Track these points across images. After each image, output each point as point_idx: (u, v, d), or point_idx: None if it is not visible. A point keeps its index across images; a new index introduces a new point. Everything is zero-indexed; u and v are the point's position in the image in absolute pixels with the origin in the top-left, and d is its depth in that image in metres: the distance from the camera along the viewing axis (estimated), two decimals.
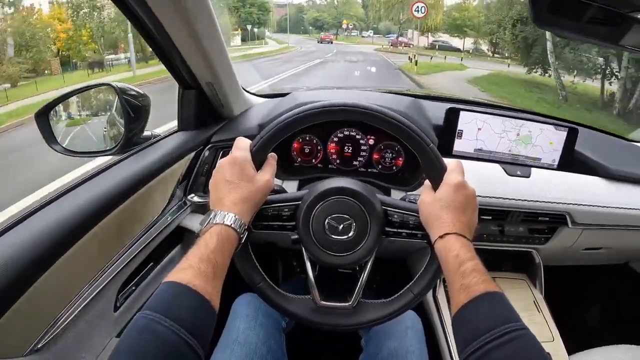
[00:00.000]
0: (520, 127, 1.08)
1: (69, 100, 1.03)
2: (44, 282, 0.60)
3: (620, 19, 0.62)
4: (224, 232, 0.58)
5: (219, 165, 0.65)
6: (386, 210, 0.70)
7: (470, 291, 0.55)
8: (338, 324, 0.69)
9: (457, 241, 0.60)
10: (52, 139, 0.97)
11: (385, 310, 0.69)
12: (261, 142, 0.67)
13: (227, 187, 0.63)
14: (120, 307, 0.83)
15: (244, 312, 0.89)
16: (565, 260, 1.33)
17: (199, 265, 0.53)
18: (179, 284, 0.50)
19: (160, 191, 0.91)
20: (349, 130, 1.04)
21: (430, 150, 0.66)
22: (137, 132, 0.98)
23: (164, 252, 0.97)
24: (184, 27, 0.79)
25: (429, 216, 0.65)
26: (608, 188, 1.13)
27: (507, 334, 0.49)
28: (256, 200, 0.65)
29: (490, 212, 1.08)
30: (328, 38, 36.98)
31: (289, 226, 0.70)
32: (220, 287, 0.55)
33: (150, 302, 0.49)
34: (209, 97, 1.02)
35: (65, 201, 0.71)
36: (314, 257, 0.70)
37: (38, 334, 0.61)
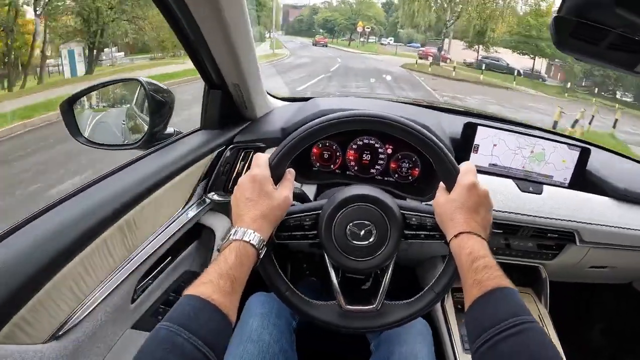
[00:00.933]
0: (534, 145, 1.10)
1: (95, 93, 1.04)
2: (67, 272, 0.61)
3: (638, 46, 0.65)
4: (243, 248, 0.60)
5: (240, 183, 0.67)
6: (404, 214, 0.72)
7: (483, 286, 0.56)
8: (365, 326, 0.71)
9: (471, 239, 0.62)
10: (75, 130, 0.98)
11: (409, 310, 0.71)
12: (279, 156, 0.69)
13: (247, 204, 0.64)
14: (136, 299, 0.84)
15: (258, 310, 0.90)
16: (570, 277, 1.35)
17: (218, 280, 0.55)
18: (198, 298, 0.52)
19: (182, 188, 0.92)
20: (369, 138, 1.05)
21: (442, 153, 0.68)
22: (161, 128, 0.99)
23: (181, 248, 0.98)
24: (218, 27, 0.81)
25: (443, 217, 0.67)
26: (617, 208, 1.14)
27: (516, 326, 0.50)
28: (276, 216, 0.66)
29: (501, 226, 1.09)
30: (322, 41, 34.66)
31: (311, 235, 0.72)
32: (238, 301, 0.57)
33: (170, 314, 0.51)
34: (234, 97, 1.04)
35: (90, 194, 0.72)
36: (337, 263, 0.71)
37: (58, 323, 0.62)
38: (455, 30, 23.32)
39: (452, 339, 1.08)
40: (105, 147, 1.01)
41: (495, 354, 0.50)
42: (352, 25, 36.57)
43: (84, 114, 1.03)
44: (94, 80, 1.13)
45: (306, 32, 43.71)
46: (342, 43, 36.78)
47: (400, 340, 0.89)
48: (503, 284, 0.56)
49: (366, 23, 35.53)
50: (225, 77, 0.97)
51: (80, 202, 0.69)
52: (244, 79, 0.97)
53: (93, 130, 1.04)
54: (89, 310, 0.67)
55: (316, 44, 33.21)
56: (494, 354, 0.50)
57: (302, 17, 44.59)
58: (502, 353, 0.49)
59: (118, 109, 1.07)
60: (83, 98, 1.02)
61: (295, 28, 44.97)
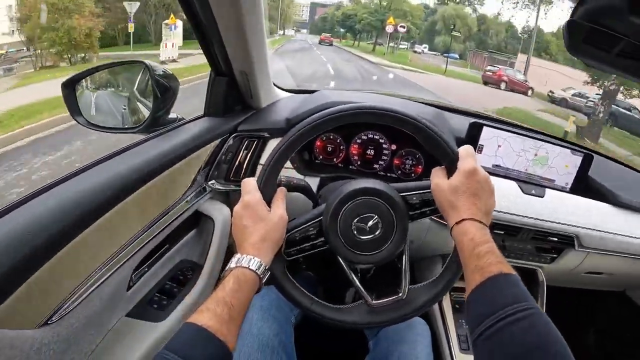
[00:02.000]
0: (538, 148, 1.09)
1: (97, 74, 1.02)
2: (63, 256, 0.59)
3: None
4: (241, 274, 0.60)
5: (235, 213, 0.68)
6: (404, 197, 0.71)
7: (485, 272, 0.55)
8: (398, 316, 0.70)
9: (473, 226, 0.61)
10: (76, 111, 0.97)
11: (433, 290, 0.70)
12: (266, 175, 0.69)
13: (245, 231, 0.65)
14: (132, 286, 0.82)
15: (258, 303, 0.89)
16: (566, 282, 1.35)
17: (215, 307, 0.55)
18: (195, 325, 0.53)
19: (183, 175, 0.90)
20: (373, 133, 1.04)
21: (438, 137, 0.67)
22: (164, 113, 0.97)
23: (179, 236, 0.96)
24: (232, 11, 0.80)
25: (444, 203, 0.66)
26: (617, 215, 1.15)
27: (519, 312, 0.49)
28: (275, 238, 0.66)
29: (503, 227, 1.09)
30: (327, 40, 31.18)
31: (319, 242, 0.71)
32: (238, 328, 0.58)
33: (170, 342, 0.52)
34: (240, 86, 1.02)
35: (89, 176, 0.70)
36: (353, 262, 0.70)
37: (52, 308, 0.60)
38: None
39: (449, 339, 1.08)
40: (106, 130, 1.00)
41: (500, 339, 0.49)
42: (379, 23, 27.40)
43: (86, 95, 1.01)
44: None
45: (329, 32, 40.13)
46: (366, 47, 29.70)
47: (400, 339, 0.88)
48: (505, 270, 0.55)
49: (399, 20, 25.09)
50: (233, 64, 0.95)
51: (79, 184, 0.67)
52: (252, 67, 0.96)
53: (94, 112, 1.02)
54: (84, 296, 0.65)
55: (321, 42, 30.98)
56: (497, 339, 0.49)
57: (327, 15, 41.26)
58: (505, 339, 0.49)
59: (120, 91, 1.05)
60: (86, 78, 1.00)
61: (318, 27, 42.32)
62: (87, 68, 0.98)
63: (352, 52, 25.68)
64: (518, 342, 0.48)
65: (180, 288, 0.91)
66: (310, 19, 45.72)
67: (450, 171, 0.68)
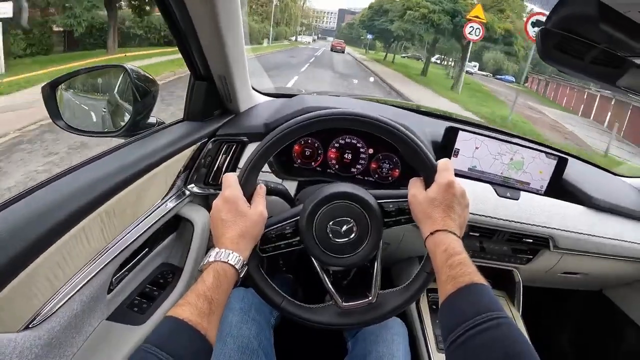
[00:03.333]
0: (514, 153, 1.12)
1: (78, 78, 1.02)
2: (43, 261, 0.60)
3: (620, 62, 0.67)
4: (220, 269, 0.61)
5: (214, 206, 0.68)
6: (381, 204, 0.73)
7: (457, 282, 0.58)
8: (367, 320, 0.72)
9: (447, 237, 0.64)
10: (56, 115, 0.97)
11: (405, 295, 0.72)
12: (247, 172, 0.70)
13: (224, 225, 0.66)
14: (112, 290, 0.83)
15: (237, 305, 0.90)
16: (543, 282, 1.39)
17: (196, 301, 0.56)
18: (175, 319, 0.54)
19: (162, 179, 0.91)
20: (351, 137, 1.06)
21: (419, 149, 0.70)
22: (143, 116, 0.98)
23: (159, 239, 0.97)
24: (210, 18, 0.81)
25: (420, 214, 0.69)
26: (591, 217, 1.18)
27: (489, 320, 0.52)
28: (254, 234, 0.68)
29: (478, 229, 1.11)
30: (339, 46, 29.31)
31: (295, 242, 0.72)
32: (217, 322, 0.59)
33: (150, 335, 0.53)
34: (219, 90, 1.04)
35: (68, 181, 0.71)
36: (325, 263, 0.72)
37: (33, 311, 0.61)
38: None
39: (427, 339, 1.10)
40: (86, 134, 1.00)
41: (468, 348, 0.51)
42: (445, 20, 15.38)
43: (66, 99, 1.01)
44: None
45: (355, 42, 37.81)
46: (406, 65, 22.36)
47: (377, 339, 0.90)
48: (476, 279, 0.58)
49: (497, 21, 14.42)
50: (212, 69, 0.97)
51: (58, 190, 0.68)
52: (231, 71, 0.97)
53: (74, 116, 1.02)
54: (64, 300, 0.66)
55: (333, 49, 29.54)
56: (468, 347, 0.51)
57: (354, 22, 38.64)
58: (475, 347, 0.51)
59: (101, 95, 1.05)
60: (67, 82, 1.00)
61: (344, 33, 40.42)
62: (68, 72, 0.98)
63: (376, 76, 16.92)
64: (487, 350, 0.50)
65: (160, 291, 0.92)
66: (338, 27, 44.50)
67: (427, 182, 0.71)
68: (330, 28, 46.34)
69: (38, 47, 10.66)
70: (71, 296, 0.67)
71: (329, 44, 33.29)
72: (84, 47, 12.39)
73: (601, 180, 1.36)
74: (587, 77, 0.72)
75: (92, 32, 12.38)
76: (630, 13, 0.53)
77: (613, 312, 1.45)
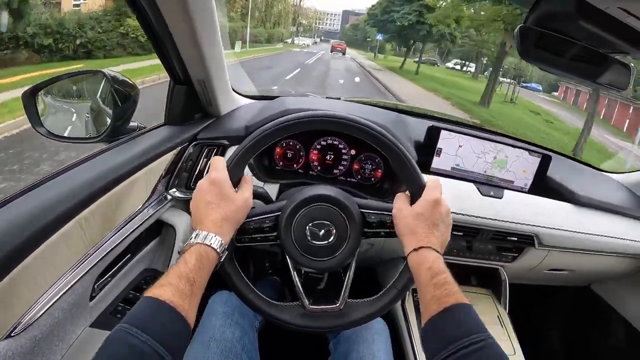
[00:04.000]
0: (498, 151, 1.13)
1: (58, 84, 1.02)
2: (23, 269, 0.60)
3: (600, 59, 0.67)
4: (203, 251, 0.60)
5: (199, 187, 0.68)
6: (363, 213, 0.73)
7: (441, 302, 0.58)
8: (329, 325, 0.72)
9: (431, 254, 0.64)
10: (36, 122, 0.97)
11: (372, 307, 0.72)
12: (237, 159, 0.69)
13: (208, 207, 0.65)
14: (95, 297, 0.83)
15: (220, 309, 0.90)
16: (530, 280, 1.40)
17: (178, 283, 0.55)
18: (157, 300, 0.52)
19: (143, 184, 0.92)
20: (332, 139, 1.06)
21: (410, 166, 0.70)
22: (124, 121, 0.98)
23: (142, 245, 0.98)
24: (185, 23, 0.81)
25: (404, 228, 0.68)
26: (575, 213, 1.19)
27: (474, 343, 0.52)
28: (237, 219, 0.67)
29: (462, 228, 1.12)
30: (339, 47, 27.52)
31: (271, 237, 0.72)
32: (197, 304, 0.57)
33: (128, 316, 0.51)
34: (199, 94, 1.04)
35: (46, 188, 0.71)
36: (298, 264, 0.72)
37: (14, 321, 0.61)
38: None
39: (412, 339, 1.11)
40: (67, 140, 1.00)
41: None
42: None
43: (47, 105, 1.01)
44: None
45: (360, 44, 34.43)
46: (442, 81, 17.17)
47: (359, 340, 0.90)
48: (461, 300, 0.58)
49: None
50: (191, 73, 0.97)
51: (37, 198, 0.68)
52: (209, 75, 0.97)
53: (55, 123, 1.02)
54: (45, 308, 0.66)
55: (333, 50, 27.78)
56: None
57: (358, 22, 36.18)
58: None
59: (81, 101, 1.05)
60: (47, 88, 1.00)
61: (348, 35, 37.56)
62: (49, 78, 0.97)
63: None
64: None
65: None
66: (342, 29, 42.37)
67: (414, 199, 0.71)
68: (334, 30, 44.74)
69: None
70: (52, 304, 0.67)
71: (324, 47, 31.95)
72: None
73: (586, 177, 1.37)
74: (568, 74, 0.73)
75: None
76: (609, 9, 0.53)
77: (601, 307, 1.46)
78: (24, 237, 0.60)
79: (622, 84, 0.70)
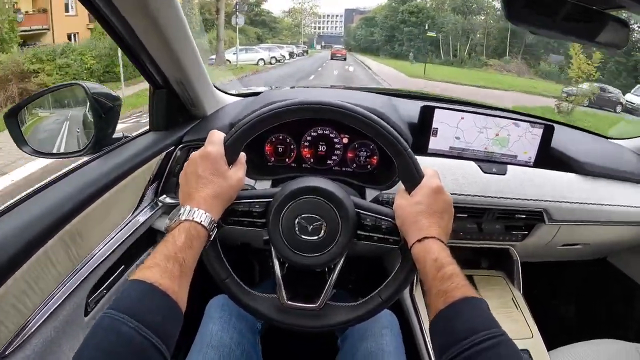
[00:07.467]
0: (500, 128, 1.10)
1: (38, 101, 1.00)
2: (10, 287, 0.59)
3: (595, 16, 0.63)
4: (193, 229, 0.58)
5: (191, 159, 0.65)
6: (359, 213, 0.69)
7: (449, 296, 0.55)
8: (303, 325, 0.69)
9: (436, 245, 0.61)
10: (21, 141, 0.96)
11: (351, 314, 0.69)
12: (235, 135, 0.66)
13: (199, 182, 0.62)
14: (91, 311, 0.82)
15: (217, 314, 0.89)
16: (543, 257, 1.36)
17: (166, 263, 0.52)
18: (144, 283, 0.50)
19: (131, 192, 0.91)
20: (323, 129, 1.03)
21: (407, 156, 0.66)
22: (108, 133, 0.96)
23: (135, 255, 0.96)
24: (151, 26, 0.79)
25: (406, 220, 0.65)
26: (584, 184, 1.15)
27: (487, 340, 0.49)
28: (227, 197, 0.65)
29: (466, 209, 1.09)
30: (339, 53, 25.17)
31: (259, 223, 0.69)
32: (188, 285, 0.55)
33: (115, 301, 0.49)
34: (180, 96, 1.02)
35: (32, 204, 0.70)
36: (282, 256, 0.70)
37: (5, 341, 0.60)
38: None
39: (424, 331, 1.07)
40: (52, 156, 0.99)
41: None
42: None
43: (29, 123, 0.99)
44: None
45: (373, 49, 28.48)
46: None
47: (366, 335, 0.88)
48: (469, 293, 0.55)
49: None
50: (168, 76, 0.95)
51: (21, 214, 0.66)
52: (187, 75, 0.95)
53: (39, 140, 1.01)
54: (37, 326, 0.65)
55: (333, 56, 25.23)
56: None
57: (374, 15, 30.81)
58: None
59: (63, 116, 1.03)
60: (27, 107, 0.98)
61: (359, 41, 31.32)
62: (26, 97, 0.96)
63: None
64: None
65: None
66: (347, 29, 37.78)
67: (412, 188, 0.67)
68: (337, 34, 40.52)
69: None
70: (43, 321, 0.66)
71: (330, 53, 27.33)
72: None
73: (592, 145, 1.32)
74: (562, 35, 0.70)
75: None
76: None
77: (619, 278, 1.42)
78: (7, 256, 0.58)
79: (620, 41, 0.66)
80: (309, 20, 36.66)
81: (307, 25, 37.18)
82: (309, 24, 37.06)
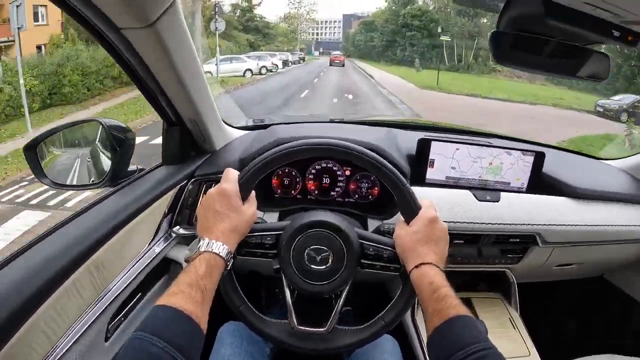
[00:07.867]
0: (493, 157, 1.16)
1: (56, 135, 1.04)
2: (37, 319, 0.63)
3: (577, 52, 0.68)
4: (212, 259, 0.63)
5: (209, 195, 0.70)
6: (362, 244, 0.76)
7: (443, 315, 0.61)
8: (313, 348, 0.75)
9: (432, 270, 0.67)
10: (40, 173, 1.00)
11: (357, 336, 0.75)
12: (248, 175, 0.73)
13: (217, 216, 0.68)
14: (110, 337, 0.86)
15: (229, 339, 0.93)
16: (539, 277, 1.40)
17: (189, 290, 0.57)
18: (171, 308, 0.54)
19: (147, 224, 0.96)
20: (326, 162, 1.09)
21: (405, 190, 0.73)
22: (123, 165, 1.00)
23: (151, 283, 1.01)
24: (169, 70, 0.85)
25: (405, 249, 0.72)
26: (575, 207, 1.20)
27: (478, 352, 0.55)
28: (243, 231, 0.71)
29: (462, 236, 1.13)
30: (337, 59, 24.12)
31: (271, 254, 0.76)
32: (208, 311, 0.60)
33: (143, 324, 0.53)
34: (192, 132, 1.08)
35: (56, 237, 0.75)
36: (293, 284, 0.75)
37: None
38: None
39: (424, 353, 1.09)
40: (71, 188, 1.02)
41: None
42: None
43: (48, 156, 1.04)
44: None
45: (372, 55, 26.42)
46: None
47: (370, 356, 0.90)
48: (462, 312, 0.61)
49: None
50: (182, 114, 1.01)
51: (47, 248, 0.71)
52: (200, 114, 1.01)
53: (58, 172, 1.05)
54: (61, 353, 0.69)
55: (332, 63, 23.93)
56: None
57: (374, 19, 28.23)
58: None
59: (81, 149, 1.08)
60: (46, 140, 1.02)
61: (359, 47, 29.04)
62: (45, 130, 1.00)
63: None
64: None
65: None
66: (345, 35, 36.69)
67: (410, 219, 0.74)
68: (335, 40, 39.80)
69: None
70: (69, 348, 0.70)
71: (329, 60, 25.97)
72: None
73: (583, 168, 1.37)
74: (548, 72, 0.74)
75: None
76: (575, 4, 0.54)
77: (617, 295, 1.46)
78: (35, 288, 0.62)
79: (602, 74, 0.71)
80: (306, 26, 35.63)
81: (305, 31, 36.06)
82: (306, 29, 35.86)
